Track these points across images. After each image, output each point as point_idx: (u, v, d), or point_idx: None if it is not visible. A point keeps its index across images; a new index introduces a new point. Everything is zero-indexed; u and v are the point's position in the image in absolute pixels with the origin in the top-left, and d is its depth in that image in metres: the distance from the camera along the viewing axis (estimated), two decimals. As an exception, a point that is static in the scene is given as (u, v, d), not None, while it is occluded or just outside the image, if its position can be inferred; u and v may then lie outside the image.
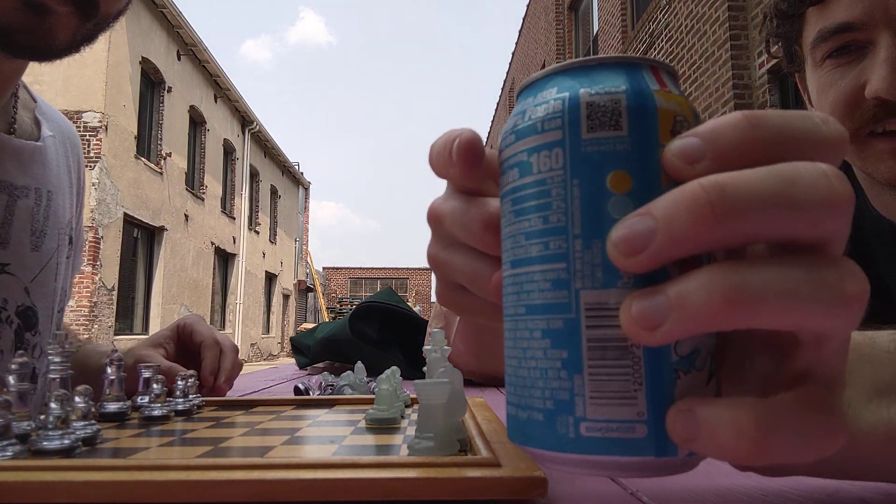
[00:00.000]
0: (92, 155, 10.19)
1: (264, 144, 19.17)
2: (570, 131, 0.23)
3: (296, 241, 23.93)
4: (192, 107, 13.76)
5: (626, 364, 0.22)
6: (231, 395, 0.79)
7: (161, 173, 12.33)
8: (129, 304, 11.55)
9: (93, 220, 10.01)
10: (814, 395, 0.21)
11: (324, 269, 41.17)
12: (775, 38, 0.77)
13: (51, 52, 0.61)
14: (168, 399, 0.49)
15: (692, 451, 0.22)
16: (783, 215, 0.20)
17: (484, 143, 0.30)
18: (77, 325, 9.51)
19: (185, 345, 0.77)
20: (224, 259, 16.37)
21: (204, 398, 0.56)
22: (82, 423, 0.37)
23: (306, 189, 25.83)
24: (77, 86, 10.35)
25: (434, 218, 0.33)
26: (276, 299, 21.08)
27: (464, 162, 0.30)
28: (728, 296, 0.19)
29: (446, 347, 0.44)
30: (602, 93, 0.23)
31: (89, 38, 0.64)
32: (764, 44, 0.78)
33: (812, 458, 0.21)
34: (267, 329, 20.06)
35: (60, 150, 0.80)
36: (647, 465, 0.22)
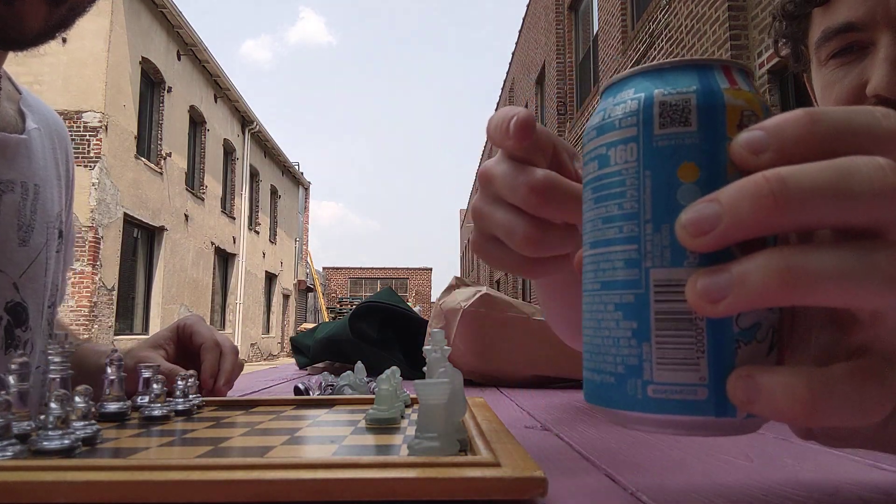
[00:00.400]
0: (92, 155, 10.19)
1: (264, 144, 19.17)
2: (644, 128, 0.26)
3: (296, 241, 23.94)
4: (192, 107, 13.76)
5: (689, 334, 0.25)
6: (231, 395, 0.79)
7: (161, 173, 12.33)
8: (128, 305, 11.55)
9: (93, 220, 10.00)
10: (868, 367, 0.23)
11: (324, 269, 41.17)
12: (783, 39, 0.79)
13: (22, 40, 0.59)
14: (168, 399, 0.49)
15: (751, 412, 0.24)
16: (840, 205, 0.22)
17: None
18: (77, 325, 9.51)
19: (185, 346, 0.77)
20: (224, 259, 16.37)
21: (204, 398, 0.56)
22: (82, 423, 0.37)
23: (306, 189, 25.84)
24: (77, 86, 10.35)
25: (485, 177, 0.39)
26: (276, 299, 21.09)
27: (518, 136, 0.36)
28: (784, 276, 0.22)
29: (446, 347, 0.44)
30: (674, 93, 0.26)
31: (64, 23, 0.61)
32: (773, 45, 0.80)
33: (862, 422, 0.23)
34: (267, 329, 20.06)
35: (47, 142, 0.78)
36: (708, 425, 0.25)
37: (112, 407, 0.46)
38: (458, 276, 1.18)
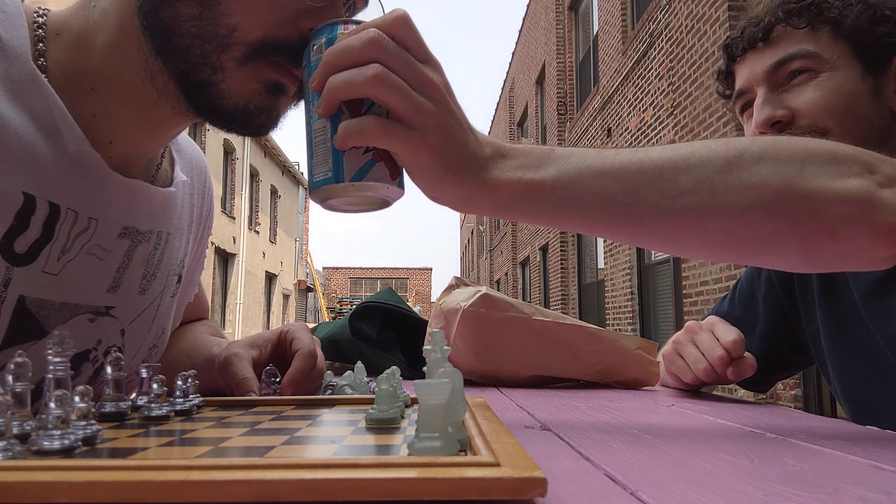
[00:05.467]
0: (92, 155, 10.17)
1: (264, 144, 19.17)
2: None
3: (296, 241, 23.93)
4: (192, 107, 13.75)
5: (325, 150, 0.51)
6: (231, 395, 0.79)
7: (161, 173, 12.31)
8: (129, 304, 11.53)
9: (93, 220, 9.98)
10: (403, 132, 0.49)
11: (324, 268, 41.15)
12: (727, 107, 1.05)
13: (270, 129, 0.63)
14: (168, 399, 0.49)
15: (344, 146, 0.49)
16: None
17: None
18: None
19: (284, 350, 0.77)
20: (224, 259, 16.37)
21: (204, 398, 0.55)
22: (82, 423, 0.37)
23: (306, 189, 25.82)
24: (77, 86, 10.33)
25: (691, 329, 0.93)
26: (276, 299, 21.08)
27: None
28: (355, 127, 0.49)
29: (446, 347, 0.44)
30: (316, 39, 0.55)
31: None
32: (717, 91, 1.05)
33: (402, 149, 0.50)
34: (267, 329, 20.02)
35: (187, 192, 0.78)
36: (335, 188, 0.50)
37: (112, 407, 0.46)
38: (458, 276, 1.18)
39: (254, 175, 18.50)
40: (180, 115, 0.63)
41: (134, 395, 0.51)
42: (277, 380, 0.72)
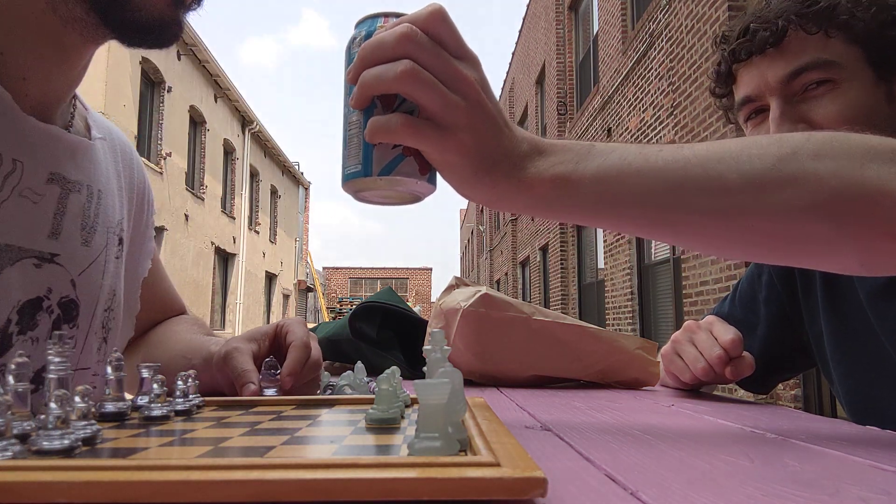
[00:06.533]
0: (92, 155, 10.18)
1: (264, 144, 19.17)
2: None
3: (296, 241, 23.93)
4: (192, 107, 13.76)
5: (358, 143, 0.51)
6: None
7: (161, 173, 12.33)
8: (129, 304, 11.53)
9: (93, 220, 9.99)
10: (426, 125, 0.49)
11: (324, 269, 41.15)
12: (719, 104, 1.01)
13: (176, 40, 0.66)
14: (168, 399, 0.49)
15: (374, 140, 0.50)
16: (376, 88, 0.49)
17: None
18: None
19: (280, 344, 0.79)
20: (224, 259, 16.36)
21: (204, 399, 0.55)
22: (82, 423, 0.37)
23: (306, 189, 25.83)
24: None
25: (690, 329, 0.94)
26: (276, 299, 21.08)
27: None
28: (386, 124, 0.49)
29: (446, 347, 0.44)
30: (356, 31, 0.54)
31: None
32: (711, 93, 1.01)
33: (435, 150, 0.50)
34: (267, 329, 20.03)
35: (109, 154, 0.81)
36: (366, 182, 0.51)
37: (112, 407, 0.46)
38: (458, 276, 1.18)
39: (254, 175, 18.49)
40: (90, 40, 0.65)
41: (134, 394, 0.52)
42: (277, 372, 0.72)
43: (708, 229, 0.52)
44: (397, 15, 0.50)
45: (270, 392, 0.71)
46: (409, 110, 0.49)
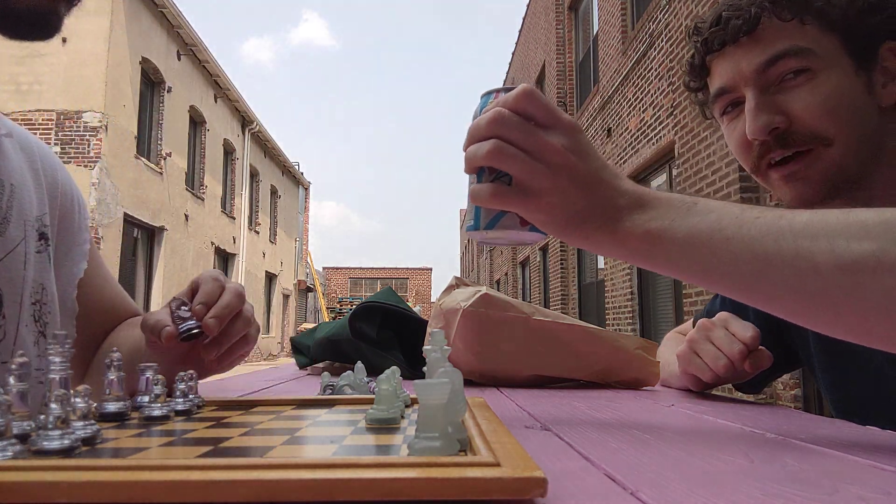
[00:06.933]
0: (92, 155, 10.19)
1: (264, 144, 19.16)
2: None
3: (296, 241, 23.93)
4: (192, 107, 13.76)
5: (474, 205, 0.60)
6: (231, 395, 0.78)
7: (161, 173, 12.32)
8: (129, 304, 11.52)
9: (93, 220, 10.00)
10: (510, 190, 0.56)
11: (324, 269, 41.14)
12: (694, 99, 0.97)
13: (55, 33, 0.66)
14: (168, 399, 0.49)
15: (478, 203, 0.58)
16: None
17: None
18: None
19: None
20: (224, 259, 16.36)
21: (200, 398, 0.55)
22: (82, 423, 0.37)
23: (306, 189, 25.82)
24: (77, 86, 10.34)
25: (705, 326, 0.90)
26: (276, 299, 21.08)
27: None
28: (482, 191, 0.57)
29: (446, 347, 0.44)
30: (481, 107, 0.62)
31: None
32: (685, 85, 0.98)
33: (523, 209, 0.57)
34: (267, 329, 20.04)
35: (21, 153, 0.81)
36: (475, 235, 0.61)
37: (112, 407, 0.46)
38: (458, 276, 1.18)
39: (254, 175, 18.49)
40: None
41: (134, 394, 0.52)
42: (188, 308, 0.70)
43: (799, 309, 0.51)
44: (508, 89, 0.58)
45: (190, 325, 0.68)
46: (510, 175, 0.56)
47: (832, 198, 0.80)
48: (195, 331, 0.69)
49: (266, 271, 19.71)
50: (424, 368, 0.44)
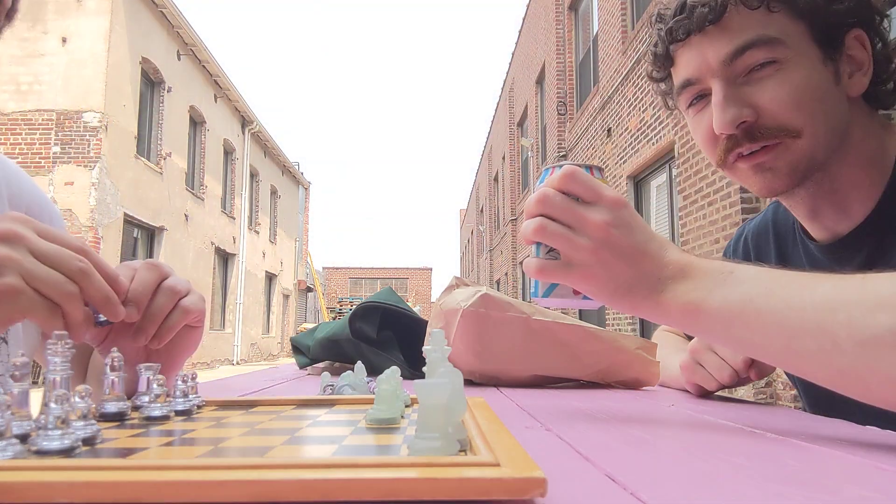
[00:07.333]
0: (92, 155, 10.19)
1: (264, 144, 19.16)
2: None
3: (296, 241, 23.93)
4: (192, 107, 13.76)
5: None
6: (231, 395, 0.78)
7: (161, 173, 12.32)
8: (129, 304, 11.51)
9: (93, 220, 10.01)
10: (560, 266, 0.61)
11: (324, 269, 41.14)
12: (657, 90, 0.96)
13: None
14: (168, 399, 0.49)
15: (531, 275, 0.64)
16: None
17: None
18: (77, 325, 9.48)
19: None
20: (224, 259, 16.36)
21: (197, 395, 0.55)
22: (82, 423, 0.37)
23: (306, 189, 25.82)
24: (77, 86, 10.34)
25: (696, 351, 0.87)
26: (276, 299, 21.08)
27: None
28: (533, 266, 0.63)
29: (446, 347, 0.44)
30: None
31: None
32: (648, 76, 0.95)
33: (569, 282, 0.62)
34: (267, 329, 20.05)
35: None
36: (537, 300, 0.67)
37: (112, 407, 0.46)
38: (458, 276, 1.18)
39: (254, 175, 18.49)
40: None
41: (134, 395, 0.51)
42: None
43: (830, 381, 0.51)
44: (560, 166, 0.63)
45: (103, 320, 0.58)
46: None
47: (799, 186, 0.80)
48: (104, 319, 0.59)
49: (266, 271, 19.71)
50: (424, 368, 0.44)
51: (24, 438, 0.34)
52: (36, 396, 0.36)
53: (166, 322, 0.63)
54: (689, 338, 1.20)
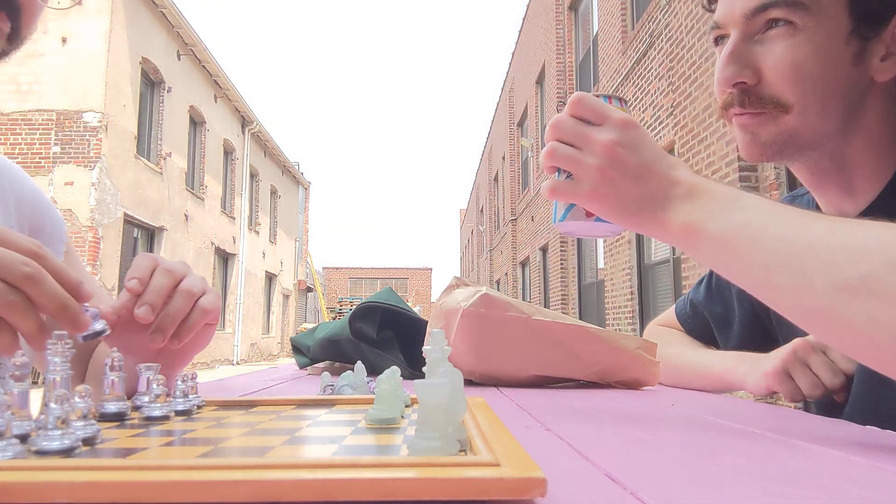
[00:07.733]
0: (92, 155, 10.19)
1: (264, 144, 19.16)
2: None
3: (296, 241, 23.93)
4: (191, 107, 13.76)
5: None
6: (231, 395, 0.79)
7: (161, 173, 12.33)
8: (129, 304, 11.51)
9: (93, 220, 10.01)
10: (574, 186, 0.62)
11: (324, 269, 41.14)
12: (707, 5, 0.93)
13: None
14: (168, 399, 0.49)
15: (549, 198, 0.65)
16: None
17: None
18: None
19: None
20: (224, 259, 16.36)
21: (202, 399, 0.55)
22: (82, 423, 0.37)
23: (306, 189, 25.83)
24: (77, 86, 10.35)
25: (804, 347, 0.84)
26: (276, 299, 21.08)
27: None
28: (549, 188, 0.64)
29: (446, 347, 0.44)
30: None
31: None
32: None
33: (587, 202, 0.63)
34: (267, 329, 20.05)
35: None
36: (557, 225, 0.69)
37: (112, 407, 0.46)
38: (458, 276, 1.18)
39: (254, 175, 18.49)
40: None
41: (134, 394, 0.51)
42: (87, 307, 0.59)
43: (797, 319, 0.52)
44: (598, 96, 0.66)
45: (98, 326, 0.57)
46: None
47: (785, 158, 0.80)
48: (90, 332, 0.58)
49: (266, 271, 19.71)
50: (424, 368, 0.44)
51: (24, 438, 0.34)
52: (36, 396, 0.36)
53: (185, 323, 0.64)
54: (687, 332, 1.20)
